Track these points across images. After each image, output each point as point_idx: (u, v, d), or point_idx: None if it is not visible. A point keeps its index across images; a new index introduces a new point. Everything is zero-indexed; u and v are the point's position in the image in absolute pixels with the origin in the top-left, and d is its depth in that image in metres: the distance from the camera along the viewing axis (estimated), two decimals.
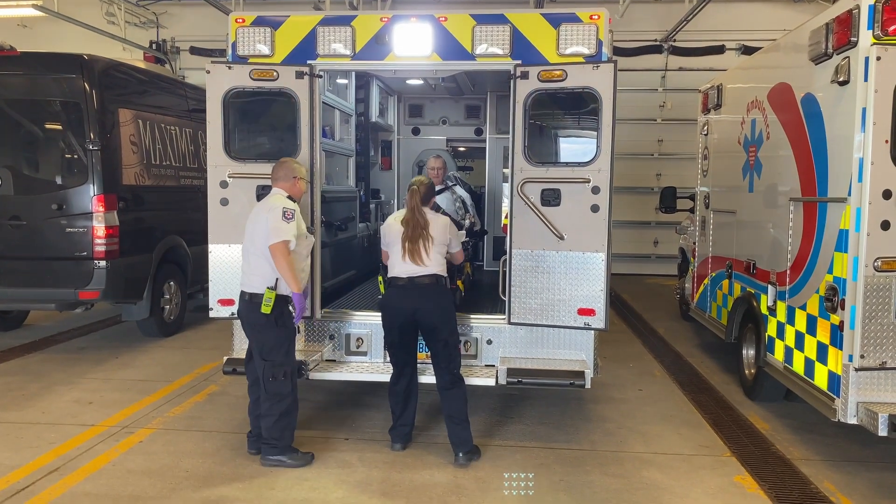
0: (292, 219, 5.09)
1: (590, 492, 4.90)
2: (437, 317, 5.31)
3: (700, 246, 9.03)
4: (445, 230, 5.48)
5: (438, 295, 5.37)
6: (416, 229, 5.33)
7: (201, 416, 6.31)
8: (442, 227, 5.48)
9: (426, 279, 5.31)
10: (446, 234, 5.48)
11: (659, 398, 7.11)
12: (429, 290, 5.32)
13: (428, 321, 5.30)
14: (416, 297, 5.29)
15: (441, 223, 5.50)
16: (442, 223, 5.51)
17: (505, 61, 5.77)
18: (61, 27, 14.99)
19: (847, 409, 4.93)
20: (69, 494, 4.75)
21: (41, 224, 8.10)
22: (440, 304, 5.35)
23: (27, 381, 7.35)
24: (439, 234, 5.42)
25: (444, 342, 5.33)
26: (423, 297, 5.29)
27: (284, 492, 4.84)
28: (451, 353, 5.38)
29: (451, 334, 5.39)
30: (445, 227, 5.50)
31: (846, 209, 4.95)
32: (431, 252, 5.35)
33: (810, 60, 5.53)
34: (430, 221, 5.43)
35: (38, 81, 8.26)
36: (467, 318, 6.12)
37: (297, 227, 5.13)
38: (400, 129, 10.22)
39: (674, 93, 16.22)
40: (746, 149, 7.19)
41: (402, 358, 5.48)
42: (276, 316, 5.13)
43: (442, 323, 5.33)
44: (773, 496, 4.85)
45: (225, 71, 5.92)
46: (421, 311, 5.26)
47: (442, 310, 5.35)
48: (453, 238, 5.59)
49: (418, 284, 5.30)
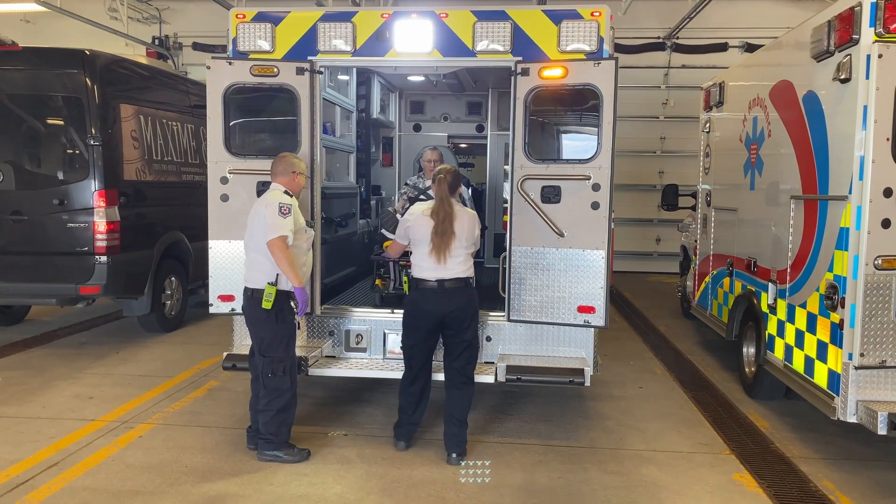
0: (289, 214, 5.09)
1: (588, 489, 4.89)
2: (467, 320, 5.25)
3: (701, 244, 9.01)
4: (474, 225, 5.33)
5: (470, 298, 5.28)
6: (445, 223, 5.14)
7: (201, 412, 6.32)
8: (470, 221, 5.30)
9: (457, 283, 5.20)
10: (474, 230, 5.32)
11: (659, 396, 7.11)
12: (460, 292, 5.21)
13: (456, 324, 5.21)
14: (447, 301, 5.18)
15: (469, 217, 5.32)
16: (470, 217, 5.33)
17: (506, 58, 5.76)
18: (64, 22, 15.00)
19: (847, 408, 4.92)
20: (68, 489, 4.76)
21: (42, 219, 8.11)
22: (471, 306, 5.28)
23: (28, 375, 7.36)
24: (468, 230, 5.26)
25: (468, 344, 5.29)
26: (454, 301, 5.19)
27: (283, 487, 4.85)
28: (472, 355, 5.34)
29: (475, 337, 5.38)
30: (474, 222, 5.34)
31: (847, 207, 4.93)
32: (460, 251, 5.20)
33: (812, 58, 5.51)
34: (457, 215, 5.23)
35: (40, 77, 8.26)
36: None
37: (294, 222, 5.12)
38: (401, 125, 10.21)
39: (676, 90, 16.19)
40: (748, 146, 7.18)
41: (422, 360, 5.38)
42: (277, 311, 5.13)
43: (470, 326, 5.28)
44: (772, 494, 4.85)
45: (225, 67, 5.91)
46: (451, 314, 5.17)
47: (473, 313, 5.31)
48: (480, 235, 5.48)
49: (449, 289, 5.18)
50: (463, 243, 5.20)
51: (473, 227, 5.29)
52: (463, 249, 5.21)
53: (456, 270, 5.19)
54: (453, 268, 5.19)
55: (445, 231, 5.12)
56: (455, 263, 5.19)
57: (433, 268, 5.19)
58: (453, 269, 5.19)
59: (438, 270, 5.18)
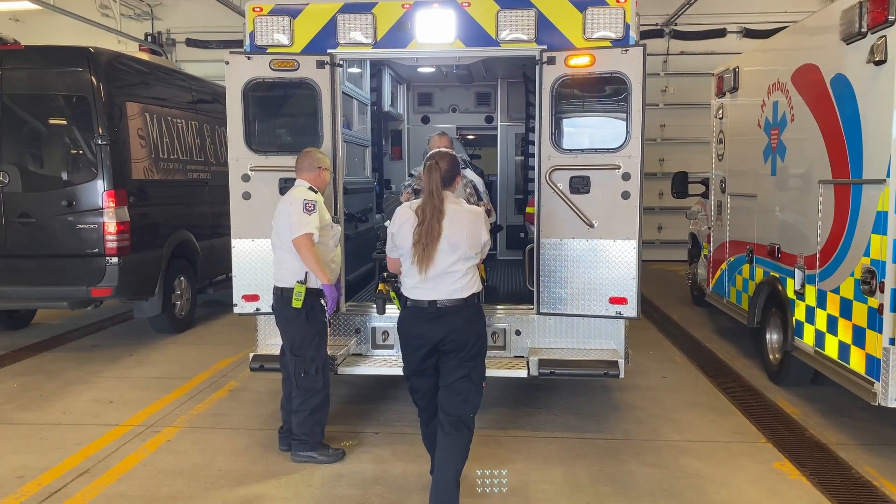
0: (314, 210, 4.99)
1: (631, 482, 4.85)
2: (468, 347, 4.09)
3: (716, 231, 8.98)
4: (477, 226, 4.10)
5: (470, 319, 4.11)
6: (431, 224, 3.99)
7: (226, 413, 6.22)
8: (472, 221, 4.09)
9: (454, 303, 4.05)
10: (479, 234, 4.10)
11: (683, 385, 7.07)
12: (457, 313, 4.05)
13: (454, 351, 4.09)
14: (439, 325, 4.04)
15: (470, 217, 4.11)
16: (471, 217, 4.11)
17: (530, 47, 5.67)
18: (54, 20, 14.78)
19: (889, 393, 4.88)
20: (104, 496, 4.66)
21: (51, 221, 7.97)
22: (472, 329, 4.12)
23: (43, 380, 7.23)
24: (469, 234, 4.05)
25: (465, 376, 4.11)
26: (448, 323, 4.04)
27: (323, 489, 4.76)
28: (471, 390, 4.14)
29: (477, 370, 4.18)
30: (477, 222, 4.11)
31: (885, 190, 4.88)
32: (457, 264, 4.03)
33: (841, 40, 5.45)
34: (451, 214, 4.03)
35: (44, 76, 8.09)
36: (494, 308, 6.05)
37: (319, 219, 5.02)
38: (409, 117, 10.11)
39: (676, 77, 16.16)
40: (768, 132, 7.13)
41: (427, 397, 4.34)
42: (307, 310, 5.04)
43: (471, 355, 4.13)
44: (816, 482, 4.81)
45: (244, 62, 5.79)
46: (446, 340, 4.06)
47: (476, 338, 4.15)
48: (489, 241, 4.27)
49: (444, 311, 4.04)
50: (461, 252, 4.01)
51: (477, 230, 4.09)
52: (461, 261, 4.03)
53: (450, 289, 4.03)
54: (447, 286, 4.03)
55: (431, 236, 3.97)
56: (450, 281, 4.02)
57: (420, 284, 4.06)
58: (446, 288, 4.03)
59: (427, 288, 4.05)
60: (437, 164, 4.12)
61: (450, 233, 4.00)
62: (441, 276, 4.02)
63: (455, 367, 4.11)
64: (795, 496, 4.63)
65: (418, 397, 4.40)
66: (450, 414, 4.13)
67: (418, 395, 4.38)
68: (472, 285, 4.10)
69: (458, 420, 4.13)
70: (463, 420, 4.14)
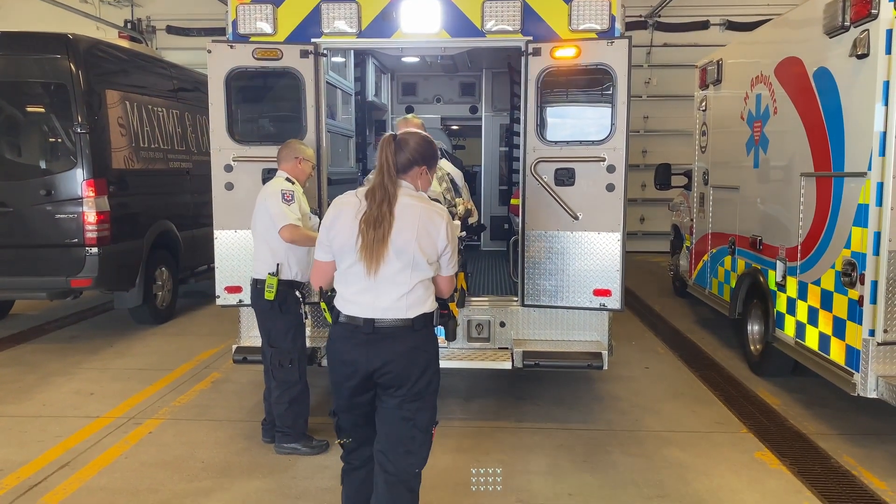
0: (292, 200, 4.94)
1: (614, 472, 4.88)
2: (414, 382, 3.17)
3: (698, 222, 9.03)
4: (437, 229, 3.13)
5: (418, 348, 3.18)
6: (381, 214, 3.06)
7: (208, 405, 6.18)
8: (431, 223, 3.12)
9: (398, 323, 3.13)
10: (437, 239, 3.13)
11: (666, 375, 7.13)
12: (403, 340, 3.14)
13: (395, 385, 3.17)
14: (376, 350, 3.13)
15: (430, 216, 3.14)
16: (430, 216, 3.14)
17: (516, 38, 5.63)
18: (32, 6, 14.53)
19: (867, 384, 4.95)
20: (85, 489, 4.61)
21: (29, 211, 7.86)
22: (420, 360, 3.18)
23: (22, 372, 7.14)
24: (425, 238, 3.10)
25: (410, 420, 3.20)
26: (388, 349, 3.13)
27: (307, 481, 4.75)
28: (416, 439, 3.23)
29: (424, 410, 3.23)
30: (437, 224, 3.13)
31: (866, 183, 4.93)
32: (404, 273, 3.10)
33: (824, 34, 5.48)
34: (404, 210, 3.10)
35: (22, 63, 7.92)
36: (479, 300, 6.05)
37: (298, 209, 4.98)
38: (393, 107, 10.05)
39: (659, 69, 16.21)
40: (750, 124, 7.17)
41: (360, 431, 3.35)
42: (280, 302, 5.01)
43: (417, 391, 3.19)
44: (796, 471, 4.87)
45: (227, 50, 5.71)
46: (384, 370, 3.15)
47: (423, 370, 3.19)
48: (450, 249, 3.20)
49: (383, 333, 3.13)
50: (407, 259, 3.08)
51: (433, 234, 3.12)
52: (407, 271, 3.09)
53: (393, 305, 3.12)
54: (388, 301, 3.11)
55: (382, 226, 3.05)
56: (394, 296, 3.11)
57: (357, 296, 3.15)
58: (388, 304, 3.12)
59: (363, 303, 3.13)
60: (396, 139, 3.19)
61: (396, 231, 3.06)
62: (383, 285, 3.10)
63: (395, 407, 3.19)
64: (776, 485, 4.69)
65: (345, 435, 3.39)
66: (387, 470, 3.21)
67: (344, 433, 3.39)
68: (422, 302, 3.16)
69: (396, 480, 3.21)
70: (403, 479, 3.22)
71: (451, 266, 3.27)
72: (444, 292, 3.35)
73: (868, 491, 4.62)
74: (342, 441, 3.40)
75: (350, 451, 3.42)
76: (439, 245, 3.14)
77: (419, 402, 3.21)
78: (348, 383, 3.22)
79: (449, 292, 3.38)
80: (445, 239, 3.15)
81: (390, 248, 3.06)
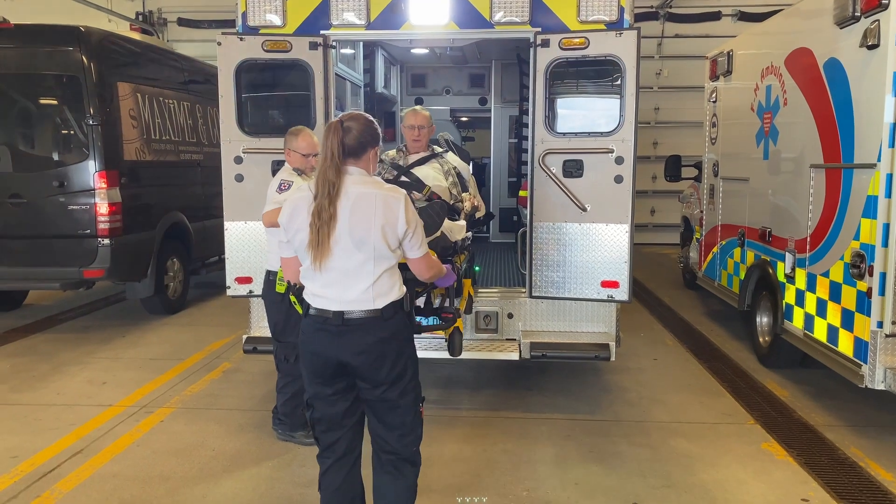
0: (287, 189, 4.93)
1: (620, 462, 4.90)
2: (385, 369, 3.16)
3: (708, 214, 9.01)
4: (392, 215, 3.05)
5: (388, 339, 3.15)
6: (321, 206, 3.01)
7: (219, 394, 6.25)
8: (381, 209, 3.04)
9: (366, 315, 3.11)
10: (395, 225, 3.06)
11: (674, 367, 7.14)
12: (372, 331, 3.12)
13: (368, 374, 3.18)
14: (349, 343, 3.12)
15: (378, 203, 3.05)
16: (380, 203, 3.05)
17: (524, 29, 5.64)
18: None
19: (875, 376, 4.94)
20: (97, 476, 4.69)
21: (42, 202, 7.94)
22: (391, 351, 3.16)
23: (36, 361, 7.24)
24: (374, 228, 3.03)
25: (395, 407, 3.24)
26: (357, 341, 3.12)
27: (316, 469, 4.72)
28: (407, 422, 3.28)
29: (406, 394, 3.25)
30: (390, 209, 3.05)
31: (875, 175, 4.91)
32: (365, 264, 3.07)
33: (835, 24, 5.45)
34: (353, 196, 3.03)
35: (34, 55, 8.01)
36: (487, 292, 6.08)
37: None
38: (403, 99, 10.06)
39: (670, 60, 16.12)
40: (760, 116, 7.14)
41: (332, 432, 3.32)
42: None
43: (391, 380, 3.19)
44: (803, 462, 4.88)
45: (237, 43, 5.75)
46: (356, 361, 3.15)
47: (396, 356, 3.18)
48: (411, 232, 3.12)
49: (352, 324, 3.11)
50: (369, 250, 3.04)
51: (392, 218, 3.04)
52: (371, 261, 3.06)
53: (360, 297, 3.09)
54: (355, 292, 3.09)
55: (322, 217, 3.00)
56: (360, 287, 3.08)
57: (324, 289, 3.13)
58: (355, 295, 3.09)
59: (330, 297, 3.12)
60: (342, 124, 3.08)
61: (352, 223, 3.01)
62: (347, 278, 3.08)
63: (378, 398, 3.22)
64: (782, 476, 4.70)
65: (321, 429, 3.32)
66: (385, 450, 3.30)
67: (321, 426, 3.31)
68: (388, 291, 3.13)
69: (397, 458, 3.31)
70: (404, 456, 3.31)
71: (418, 248, 3.21)
72: (422, 274, 3.33)
73: (875, 482, 4.62)
74: (317, 435, 3.36)
75: (327, 445, 3.35)
76: (399, 230, 3.08)
77: (400, 387, 3.22)
78: (321, 374, 3.23)
79: (427, 274, 3.35)
80: (405, 223, 3.08)
81: (346, 241, 3.03)
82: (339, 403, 3.27)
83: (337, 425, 3.31)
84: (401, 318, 3.21)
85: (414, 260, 3.26)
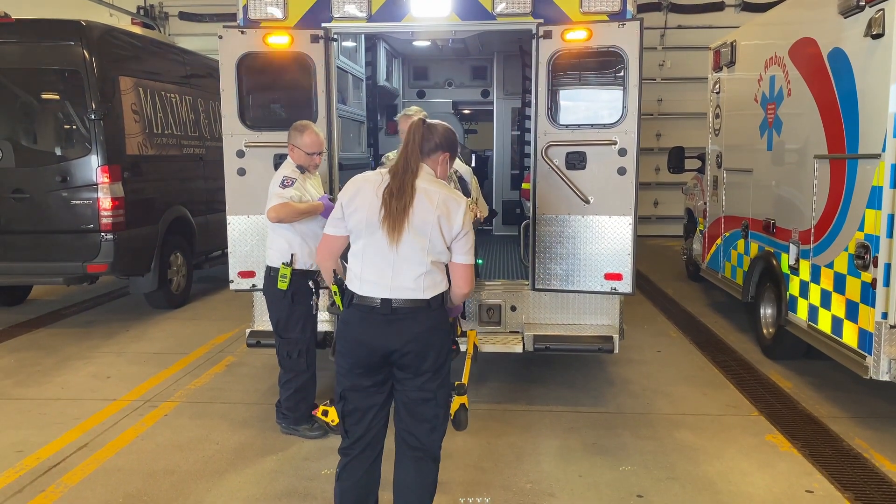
0: (290, 186, 4.93)
1: (624, 454, 4.90)
2: (429, 360, 3.26)
3: (712, 206, 8.99)
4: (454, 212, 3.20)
5: (432, 327, 3.26)
6: (404, 186, 3.16)
7: (223, 388, 6.26)
8: (448, 208, 3.19)
9: (412, 304, 3.20)
10: (454, 224, 3.20)
11: (678, 359, 7.13)
12: (417, 318, 3.21)
13: (412, 364, 3.25)
14: (394, 331, 3.20)
15: (447, 202, 3.21)
16: (447, 202, 3.21)
17: (527, 20, 5.61)
18: None
19: (880, 367, 4.93)
20: (102, 470, 4.70)
21: (45, 197, 7.95)
22: (435, 338, 3.27)
23: (40, 356, 7.26)
24: (436, 220, 3.17)
25: (432, 398, 3.32)
26: (406, 330, 3.20)
27: (319, 462, 4.81)
28: (439, 416, 3.36)
29: (444, 386, 3.37)
30: (453, 206, 3.21)
31: (880, 165, 4.89)
32: (419, 255, 3.18)
33: (839, 14, 5.42)
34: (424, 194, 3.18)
35: (35, 49, 8.00)
36: (490, 284, 6.07)
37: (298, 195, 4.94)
38: (405, 92, 10.04)
39: (673, 51, 16.06)
40: (764, 106, 7.11)
41: (364, 423, 3.36)
42: (293, 293, 5.02)
43: (437, 366, 3.29)
44: (807, 454, 4.88)
45: (238, 36, 5.73)
46: (405, 351, 3.22)
47: (439, 348, 3.29)
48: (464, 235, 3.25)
49: (401, 314, 3.20)
50: (426, 240, 3.17)
51: (453, 217, 3.20)
52: (426, 252, 3.18)
53: (411, 286, 3.19)
54: (406, 281, 3.19)
55: (403, 198, 3.14)
56: (412, 276, 3.19)
57: (375, 274, 3.21)
58: (406, 284, 3.19)
59: (381, 284, 3.19)
60: (426, 123, 3.32)
61: (414, 211, 3.15)
62: (401, 263, 3.17)
63: (417, 388, 3.27)
64: (787, 467, 4.70)
65: (352, 421, 3.35)
66: (413, 446, 3.34)
67: (352, 418, 3.35)
68: (437, 284, 3.25)
69: (423, 455, 3.36)
70: (430, 453, 3.39)
71: (466, 253, 3.28)
72: (461, 285, 3.33)
73: (879, 473, 4.62)
74: (346, 427, 3.37)
75: (357, 438, 3.36)
76: (454, 228, 3.20)
77: (439, 378, 3.32)
78: (365, 363, 3.27)
79: (466, 287, 3.35)
80: (460, 224, 3.22)
81: (410, 224, 3.13)
82: (375, 396, 3.33)
83: (369, 418, 3.35)
84: (443, 310, 3.33)
85: (459, 265, 3.30)
